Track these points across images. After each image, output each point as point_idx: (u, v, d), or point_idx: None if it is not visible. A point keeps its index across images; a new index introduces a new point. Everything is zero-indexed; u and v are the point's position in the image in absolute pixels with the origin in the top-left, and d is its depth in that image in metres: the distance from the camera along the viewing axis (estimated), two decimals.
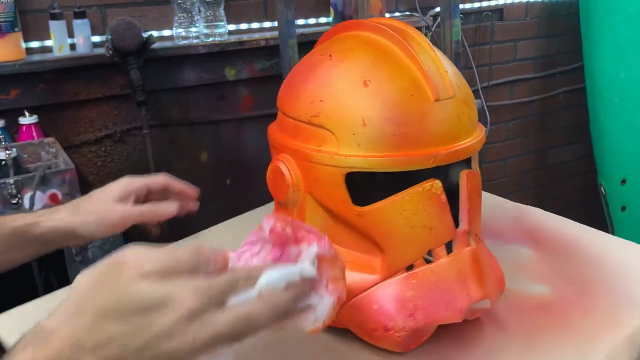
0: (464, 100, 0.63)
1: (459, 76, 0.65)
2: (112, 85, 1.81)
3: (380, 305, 0.60)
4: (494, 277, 0.65)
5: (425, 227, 0.60)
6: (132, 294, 0.42)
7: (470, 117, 0.64)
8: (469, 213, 0.62)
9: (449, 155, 0.60)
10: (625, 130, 2.27)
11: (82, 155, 1.85)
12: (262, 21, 2.06)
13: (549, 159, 2.84)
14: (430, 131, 0.60)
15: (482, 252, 0.64)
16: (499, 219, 0.94)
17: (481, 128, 0.67)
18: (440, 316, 0.59)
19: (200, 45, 1.87)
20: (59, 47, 1.72)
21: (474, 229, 0.63)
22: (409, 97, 0.60)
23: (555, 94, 2.73)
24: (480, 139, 0.64)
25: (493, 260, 0.67)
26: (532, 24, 2.60)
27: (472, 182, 0.63)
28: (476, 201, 0.64)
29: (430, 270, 0.60)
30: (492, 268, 0.65)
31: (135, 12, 1.84)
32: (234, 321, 0.43)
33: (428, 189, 0.60)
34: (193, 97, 1.97)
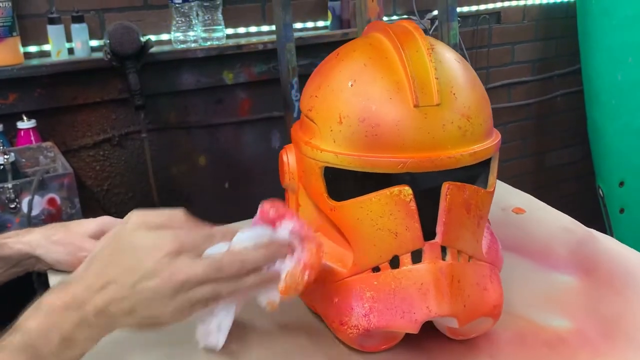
0: (457, 110, 0.60)
1: (462, 86, 0.62)
2: (110, 90, 1.82)
3: (341, 299, 0.62)
4: (479, 300, 0.61)
5: (390, 232, 0.60)
6: (129, 240, 0.54)
7: (464, 128, 0.60)
8: (446, 227, 0.59)
9: (422, 164, 0.59)
10: (623, 133, 2.28)
11: (81, 160, 1.85)
12: (260, 25, 2.06)
13: (547, 162, 2.85)
14: (404, 137, 0.59)
15: (461, 270, 0.60)
16: (558, 242, 0.88)
17: (485, 143, 0.63)
18: (394, 323, 0.59)
19: (199, 49, 1.87)
20: (57, 51, 1.72)
21: (453, 244, 0.60)
22: (387, 100, 0.60)
23: (553, 97, 2.74)
24: (474, 153, 0.61)
25: (486, 282, 0.62)
26: (530, 27, 2.61)
27: (454, 196, 0.60)
28: (459, 216, 0.61)
29: (392, 276, 0.60)
30: (479, 289, 0.61)
31: (133, 16, 1.84)
32: (206, 268, 0.54)
33: (396, 194, 0.60)
34: (191, 101, 1.97)
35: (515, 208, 0.97)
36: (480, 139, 0.62)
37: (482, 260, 0.64)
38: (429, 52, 0.61)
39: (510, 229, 0.90)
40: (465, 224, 0.62)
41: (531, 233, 0.90)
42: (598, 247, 0.86)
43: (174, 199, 1.99)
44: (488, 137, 0.64)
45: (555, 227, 0.91)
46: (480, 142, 0.62)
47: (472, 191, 0.62)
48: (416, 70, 0.60)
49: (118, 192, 1.92)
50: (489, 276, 0.63)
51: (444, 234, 0.60)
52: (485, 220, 0.66)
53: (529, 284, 0.77)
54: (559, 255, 0.84)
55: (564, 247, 0.86)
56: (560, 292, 0.76)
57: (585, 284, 0.77)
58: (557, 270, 0.81)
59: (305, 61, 2.02)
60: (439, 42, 0.66)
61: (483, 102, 0.64)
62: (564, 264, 0.82)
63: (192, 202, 2.00)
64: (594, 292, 0.75)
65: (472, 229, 0.62)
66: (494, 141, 0.65)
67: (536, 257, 0.84)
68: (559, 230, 0.90)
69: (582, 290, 0.76)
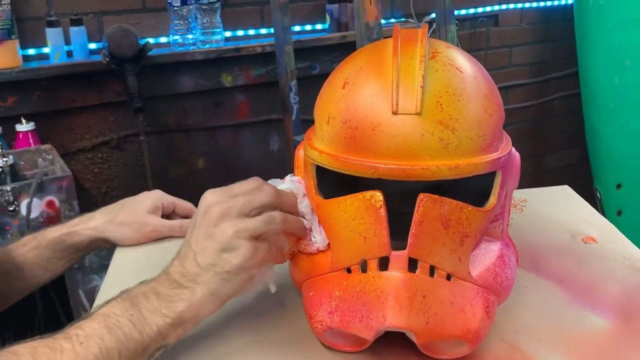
0: (441, 121, 0.58)
1: (455, 97, 0.59)
2: (108, 92, 1.82)
3: (314, 293, 0.64)
4: (449, 320, 0.59)
5: (360, 235, 0.60)
6: (208, 214, 0.62)
7: (447, 140, 0.58)
8: (415, 238, 0.58)
9: (394, 172, 0.58)
10: (620, 135, 2.28)
11: (79, 162, 1.85)
12: (259, 28, 2.07)
13: (544, 164, 2.85)
14: (379, 142, 0.58)
15: (431, 285, 0.59)
16: (614, 280, 0.78)
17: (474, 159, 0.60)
18: (353, 326, 0.59)
19: (197, 52, 1.87)
20: (55, 54, 1.72)
21: (424, 257, 0.59)
22: (369, 105, 0.60)
23: (550, 100, 2.74)
24: (455, 168, 0.58)
25: (465, 304, 0.60)
26: (527, 30, 2.62)
27: (428, 209, 0.59)
28: (433, 230, 0.59)
29: (359, 279, 0.60)
30: (453, 309, 0.59)
31: (132, 19, 1.84)
32: (259, 220, 0.61)
33: (368, 199, 0.60)
34: (190, 104, 1.97)
35: (586, 237, 0.89)
36: (469, 154, 0.59)
37: (467, 281, 0.61)
38: (422, 59, 0.60)
39: (566, 258, 0.83)
40: (442, 240, 0.59)
41: (588, 266, 0.81)
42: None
43: None
44: (483, 153, 0.61)
45: (621, 264, 0.82)
46: (467, 157, 0.59)
47: (452, 206, 0.59)
48: (403, 77, 0.59)
49: (116, 195, 1.92)
50: (471, 298, 0.60)
51: (412, 245, 0.58)
52: (474, 239, 0.62)
53: (548, 318, 0.71)
54: (606, 295, 0.75)
55: (617, 287, 0.76)
56: (580, 333, 0.68)
57: (617, 332, 0.68)
58: (593, 310, 0.72)
59: (303, 64, 2.03)
60: (452, 50, 0.64)
61: (482, 117, 0.61)
62: (606, 305, 0.73)
63: None
64: (622, 343, 0.67)
65: (452, 246, 0.60)
66: (489, 159, 0.61)
67: (577, 292, 0.75)
68: (622, 268, 0.81)
69: (608, 338, 0.68)
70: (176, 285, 0.60)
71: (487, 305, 0.62)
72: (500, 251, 0.67)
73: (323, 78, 0.69)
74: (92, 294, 1.52)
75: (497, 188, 0.63)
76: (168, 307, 0.59)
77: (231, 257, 0.60)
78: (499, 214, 0.67)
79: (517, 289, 0.73)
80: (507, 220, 0.70)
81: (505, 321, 0.69)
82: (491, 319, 0.62)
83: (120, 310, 0.57)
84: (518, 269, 0.75)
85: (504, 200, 0.67)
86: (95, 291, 1.52)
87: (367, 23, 1.35)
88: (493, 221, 0.66)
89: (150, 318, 0.58)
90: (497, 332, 0.67)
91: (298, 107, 1.74)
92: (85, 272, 1.52)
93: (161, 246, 0.90)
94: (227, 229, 0.60)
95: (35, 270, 0.88)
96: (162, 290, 0.60)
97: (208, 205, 0.62)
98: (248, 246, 0.60)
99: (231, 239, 0.60)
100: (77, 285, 1.51)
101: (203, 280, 0.60)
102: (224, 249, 0.60)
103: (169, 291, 0.60)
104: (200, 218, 0.62)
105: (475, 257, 0.64)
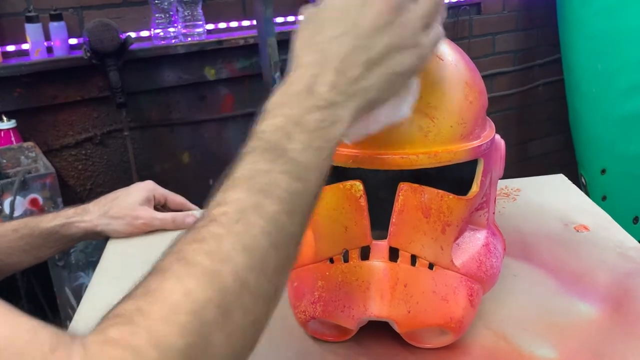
0: (419, 109, 0.57)
1: (434, 84, 0.59)
2: (90, 88, 1.80)
3: (299, 283, 0.64)
4: (431, 308, 0.59)
5: (341, 225, 0.60)
6: None
7: (427, 128, 0.58)
8: (395, 228, 0.59)
9: (372, 161, 0.58)
10: (604, 121, 2.30)
11: (63, 159, 1.83)
12: (241, 20, 2.06)
13: (529, 151, 2.87)
14: None
15: (413, 274, 0.59)
16: (604, 268, 0.77)
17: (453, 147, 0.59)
18: (336, 316, 0.60)
19: (179, 46, 1.86)
20: (35, 50, 1.70)
21: (405, 247, 0.59)
22: None
23: (534, 87, 2.75)
24: (434, 156, 0.58)
25: (448, 293, 0.59)
26: (510, 17, 2.62)
27: (408, 198, 0.59)
28: (414, 219, 0.59)
29: (341, 270, 0.60)
30: (435, 298, 0.59)
31: (113, 13, 1.82)
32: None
33: (348, 189, 0.60)
34: (173, 98, 1.96)
35: (578, 225, 0.89)
36: (449, 141, 0.59)
37: (450, 270, 0.61)
38: None
39: (557, 246, 0.83)
40: (423, 229, 0.59)
41: (579, 254, 0.81)
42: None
43: None
44: (464, 141, 0.60)
45: (613, 252, 0.81)
46: (447, 145, 0.58)
47: (433, 195, 0.59)
48: None
49: (101, 191, 1.90)
50: (454, 287, 0.61)
51: (393, 235, 0.59)
52: (456, 228, 0.62)
53: (535, 306, 0.70)
54: (595, 283, 0.74)
55: (607, 275, 0.76)
56: (567, 322, 0.67)
57: (606, 320, 0.67)
58: (582, 298, 0.71)
59: (287, 56, 2.02)
60: None
61: (463, 104, 0.60)
62: (595, 293, 0.72)
63: None
64: (610, 330, 0.66)
65: (434, 235, 0.60)
66: (470, 146, 0.60)
67: (566, 280, 0.75)
68: (613, 256, 0.80)
69: (595, 325, 0.67)
70: (324, 104, 0.46)
71: (471, 293, 0.62)
72: (485, 240, 0.66)
73: None
74: (79, 291, 1.51)
75: (480, 176, 0.63)
76: (322, 138, 0.46)
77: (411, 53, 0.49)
78: (483, 202, 0.66)
79: (505, 278, 0.73)
80: (492, 209, 0.70)
81: (492, 310, 0.69)
82: (475, 308, 0.62)
83: (266, 165, 0.44)
84: (508, 258, 0.76)
85: (488, 188, 0.66)
86: (82, 288, 1.51)
87: None
88: (478, 209, 0.66)
89: (306, 160, 0.45)
90: (483, 321, 0.67)
91: None
92: (72, 269, 1.51)
93: (154, 238, 0.90)
94: (414, 17, 0.50)
95: (22, 256, 0.88)
96: (306, 118, 0.46)
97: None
98: (438, 31, 0.52)
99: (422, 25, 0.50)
100: (63, 283, 1.50)
101: (364, 86, 0.48)
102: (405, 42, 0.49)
103: (317, 115, 0.46)
104: None
105: (459, 246, 0.64)
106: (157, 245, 0.43)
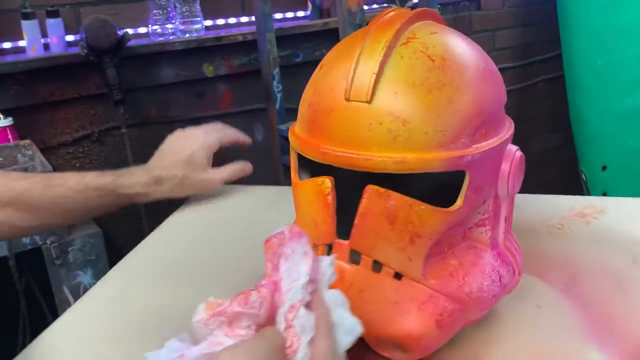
0: (392, 112, 0.54)
1: (416, 87, 0.55)
2: (88, 85, 1.79)
3: None
4: (388, 320, 0.56)
5: (313, 220, 0.59)
6: None
7: (396, 132, 0.54)
8: (356, 230, 0.56)
9: (339, 160, 0.56)
10: (604, 117, 2.29)
11: (60, 157, 1.82)
12: (239, 16, 2.04)
13: (530, 148, 2.86)
14: (332, 128, 0.57)
15: (371, 281, 0.56)
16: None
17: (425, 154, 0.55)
18: None
19: (177, 42, 1.84)
20: (32, 47, 1.69)
21: (367, 251, 0.57)
22: (329, 90, 0.58)
23: (534, 83, 2.74)
24: (401, 162, 0.54)
25: (411, 307, 0.56)
26: (510, 13, 2.61)
27: (373, 202, 0.56)
28: (377, 224, 0.56)
29: None
30: (394, 310, 0.56)
31: (109, 10, 1.81)
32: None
33: (319, 184, 0.58)
34: (171, 95, 1.95)
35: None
36: (422, 148, 0.54)
37: (421, 283, 0.57)
38: (387, 44, 0.56)
39: (610, 283, 0.71)
40: (387, 236, 0.56)
41: (630, 297, 0.68)
42: None
43: None
44: (440, 150, 0.55)
45: None
46: (419, 152, 0.54)
47: (400, 203, 0.56)
48: (362, 63, 0.56)
49: None
50: (421, 302, 0.57)
51: (354, 237, 0.57)
52: (428, 240, 0.57)
53: (542, 345, 0.62)
54: (624, 334, 0.63)
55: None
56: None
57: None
58: (601, 347, 0.61)
59: (285, 52, 2.01)
60: (438, 36, 0.59)
61: (445, 110, 0.55)
62: (616, 347, 0.61)
63: None
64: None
65: (400, 244, 0.56)
66: (446, 156, 0.55)
67: (595, 324, 0.65)
68: None
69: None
70: None
71: (441, 313, 0.57)
72: (481, 259, 0.61)
73: (306, 65, 0.68)
74: (77, 290, 1.50)
75: (465, 190, 0.57)
76: None
77: None
78: (485, 219, 0.61)
79: (527, 307, 0.67)
80: (502, 228, 0.63)
81: (488, 338, 0.63)
82: (444, 330, 0.57)
83: None
84: (543, 286, 0.69)
85: (491, 204, 0.61)
86: (79, 287, 1.50)
87: (349, 9, 1.33)
88: (479, 226, 0.61)
89: None
90: (473, 350, 0.61)
91: (282, 95, 1.72)
92: (70, 268, 1.50)
93: None
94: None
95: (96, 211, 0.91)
96: None
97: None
98: None
99: None
100: (61, 282, 1.49)
101: None
102: None
103: None
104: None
105: (441, 260, 0.59)
106: None
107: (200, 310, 0.46)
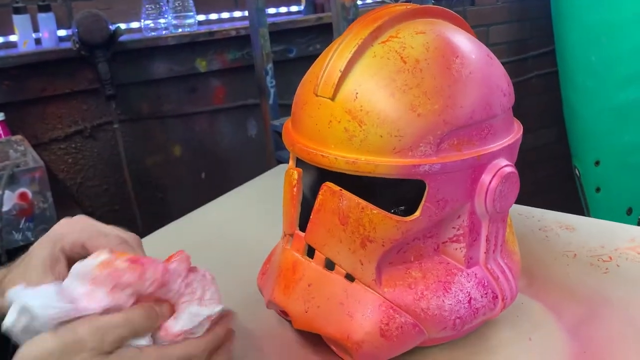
0: (350, 111, 0.54)
1: (378, 88, 0.54)
2: (79, 80, 1.78)
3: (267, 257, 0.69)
4: (333, 319, 0.57)
5: (284, 209, 0.62)
6: None
7: (352, 132, 0.54)
8: (312, 226, 0.58)
9: (302, 153, 0.57)
10: (598, 112, 2.29)
11: (52, 153, 1.81)
12: (232, 10, 2.03)
13: (523, 143, 2.82)
14: (302, 122, 0.58)
15: (321, 277, 0.57)
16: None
17: (378, 158, 0.53)
18: (266, 292, 0.63)
19: (170, 37, 1.83)
20: (23, 42, 1.67)
21: (319, 247, 0.57)
22: (308, 82, 0.60)
23: (528, 78, 2.74)
24: (353, 163, 0.53)
25: (356, 310, 0.56)
26: (504, 8, 2.61)
27: (327, 199, 0.56)
28: (328, 222, 0.56)
29: (278, 250, 0.64)
30: (340, 311, 0.55)
31: (102, 4, 1.80)
32: None
33: (290, 175, 0.61)
34: (164, 90, 1.94)
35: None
36: (375, 152, 0.53)
37: (372, 289, 0.56)
38: (361, 42, 0.56)
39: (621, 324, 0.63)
40: (338, 235, 0.56)
41: None
42: None
43: (149, 191, 1.96)
44: (395, 156, 0.53)
45: None
46: (372, 155, 0.53)
47: (352, 204, 0.55)
48: (335, 59, 0.57)
49: (92, 185, 1.88)
50: (367, 308, 0.55)
51: (308, 231, 0.58)
52: (380, 246, 0.55)
53: None
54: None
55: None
56: None
57: None
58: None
59: (279, 47, 2.00)
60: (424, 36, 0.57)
61: (405, 116, 0.53)
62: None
63: (168, 193, 1.98)
64: None
65: (351, 246, 0.56)
66: (400, 163, 0.52)
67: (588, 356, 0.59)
68: None
69: None
70: None
71: (388, 322, 0.55)
72: (449, 276, 0.57)
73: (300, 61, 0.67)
74: None
75: (424, 201, 0.54)
76: None
77: None
78: (459, 235, 0.57)
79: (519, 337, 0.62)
80: (482, 248, 0.59)
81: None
82: (390, 341, 0.55)
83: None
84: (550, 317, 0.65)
85: (466, 220, 0.57)
86: None
87: (343, 4, 1.32)
88: (453, 241, 0.58)
89: None
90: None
91: (275, 91, 1.71)
92: None
93: None
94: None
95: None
96: None
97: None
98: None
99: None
100: None
101: None
102: None
103: None
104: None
105: (404, 270, 0.57)
106: None
107: (102, 256, 0.47)
